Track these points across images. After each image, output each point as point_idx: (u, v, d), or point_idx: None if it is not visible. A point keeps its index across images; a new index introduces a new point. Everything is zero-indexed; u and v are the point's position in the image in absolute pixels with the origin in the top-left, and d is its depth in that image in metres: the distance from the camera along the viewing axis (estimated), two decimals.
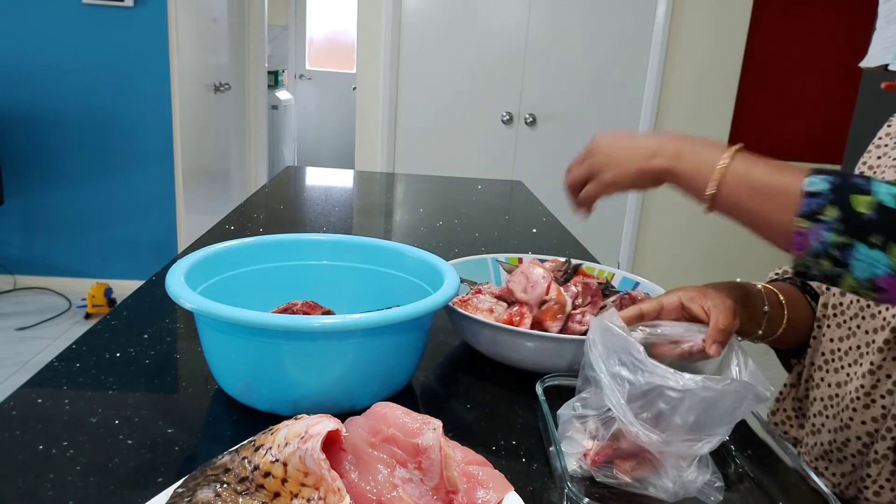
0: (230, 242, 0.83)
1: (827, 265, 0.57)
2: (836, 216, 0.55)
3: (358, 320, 0.63)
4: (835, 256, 0.56)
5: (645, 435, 0.57)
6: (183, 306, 0.64)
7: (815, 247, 0.57)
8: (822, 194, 0.56)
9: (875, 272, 0.55)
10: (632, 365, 0.59)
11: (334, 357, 0.66)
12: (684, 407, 0.57)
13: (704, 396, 0.57)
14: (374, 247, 0.90)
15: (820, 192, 0.56)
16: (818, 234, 0.56)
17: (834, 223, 0.56)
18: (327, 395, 0.67)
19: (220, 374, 0.70)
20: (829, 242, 0.56)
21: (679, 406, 0.58)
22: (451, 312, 0.82)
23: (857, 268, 0.55)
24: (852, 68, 2.19)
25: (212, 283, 0.78)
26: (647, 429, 0.57)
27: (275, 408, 0.67)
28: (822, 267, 0.57)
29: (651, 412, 0.59)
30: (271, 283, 0.86)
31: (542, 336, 0.76)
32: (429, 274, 0.82)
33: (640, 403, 0.59)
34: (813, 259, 0.57)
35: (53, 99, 3.19)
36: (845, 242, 0.55)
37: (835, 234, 0.56)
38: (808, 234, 0.57)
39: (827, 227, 0.56)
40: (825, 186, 0.57)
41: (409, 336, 0.71)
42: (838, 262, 0.56)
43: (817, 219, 0.56)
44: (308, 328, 0.62)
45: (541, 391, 0.70)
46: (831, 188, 0.56)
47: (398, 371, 0.72)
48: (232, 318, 0.61)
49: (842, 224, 0.55)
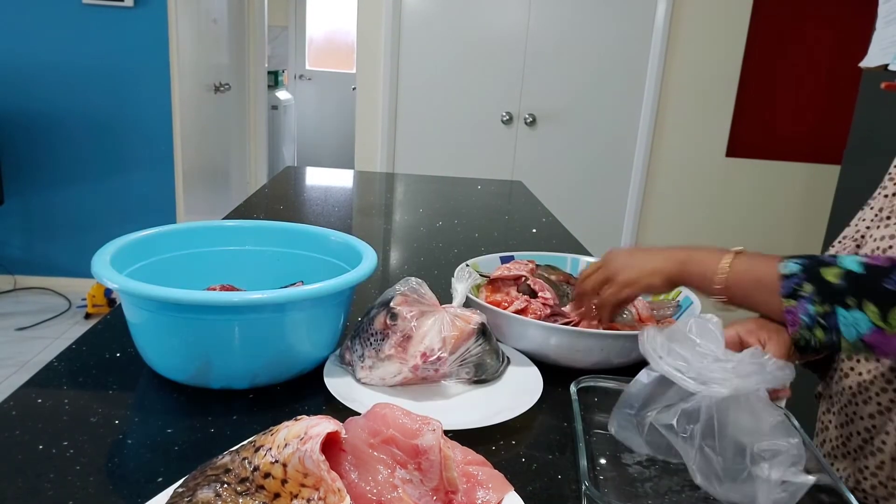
0: (154, 229, 0.86)
1: (820, 334, 0.64)
2: (813, 289, 0.63)
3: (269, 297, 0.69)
4: (823, 325, 0.63)
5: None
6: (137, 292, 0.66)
7: (805, 320, 0.64)
8: (796, 274, 0.65)
9: (860, 331, 0.61)
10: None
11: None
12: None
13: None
14: (296, 231, 0.93)
15: (794, 273, 0.65)
16: (804, 307, 0.64)
17: (812, 295, 0.63)
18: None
19: (162, 357, 0.73)
20: (814, 313, 0.63)
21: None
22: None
23: (845, 331, 0.62)
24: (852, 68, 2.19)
25: (136, 268, 0.80)
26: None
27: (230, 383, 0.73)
28: (818, 337, 0.64)
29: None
30: (194, 269, 0.88)
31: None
32: (351, 256, 0.85)
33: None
34: (808, 331, 0.64)
35: (53, 99, 3.19)
36: (826, 310, 0.62)
37: (816, 305, 0.63)
38: (796, 311, 0.64)
39: (808, 300, 0.64)
40: (797, 268, 0.65)
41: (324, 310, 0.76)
42: (828, 329, 0.63)
43: (799, 295, 0.64)
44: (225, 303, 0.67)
45: (574, 391, 0.71)
46: (802, 268, 0.65)
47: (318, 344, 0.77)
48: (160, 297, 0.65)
49: (819, 295, 0.63)
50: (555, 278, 0.95)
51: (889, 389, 0.73)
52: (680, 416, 0.61)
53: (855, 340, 0.62)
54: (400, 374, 0.74)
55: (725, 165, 3.48)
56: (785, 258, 0.67)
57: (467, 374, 0.77)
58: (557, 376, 0.80)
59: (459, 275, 0.85)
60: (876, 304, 0.60)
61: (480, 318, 0.78)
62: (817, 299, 0.63)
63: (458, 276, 0.84)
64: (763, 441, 0.58)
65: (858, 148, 2.00)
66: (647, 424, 0.64)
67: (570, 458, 0.67)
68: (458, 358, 0.75)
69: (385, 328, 0.75)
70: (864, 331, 0.61)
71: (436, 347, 0.73)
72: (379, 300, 0.78)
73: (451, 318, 0.76)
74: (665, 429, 0.62)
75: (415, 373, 0.74)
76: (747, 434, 0.58)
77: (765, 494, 0.57)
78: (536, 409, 0.73)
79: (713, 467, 0.59)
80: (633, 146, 3.47)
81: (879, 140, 1.88)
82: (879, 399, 0.74)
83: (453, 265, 0.96)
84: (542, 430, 0.72)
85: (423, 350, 0.73)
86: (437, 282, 1.13)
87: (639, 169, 3.47)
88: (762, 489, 0.57)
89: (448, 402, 0.75)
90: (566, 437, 0.70)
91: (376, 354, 0.74)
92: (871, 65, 1.93)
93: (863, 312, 0.61)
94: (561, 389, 0.78)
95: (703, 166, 3.48)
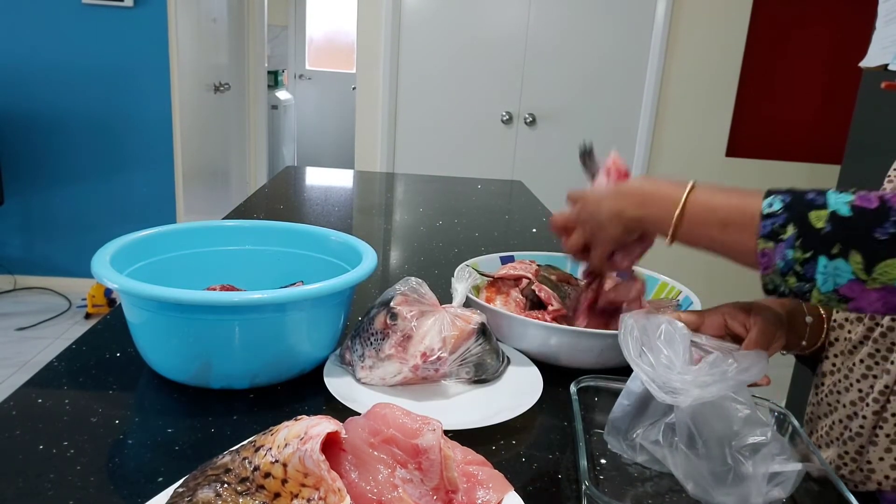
0: (154, 229, 0.86)
1: (793, 281, 0.59)
2: (794, 233, 0.58)
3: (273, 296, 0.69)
4: (799, 272, 0.58)
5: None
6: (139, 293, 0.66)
7: (780, 265, 0.59)
8: (778, 214, 0.59)
9: (838, 282, 0.57)
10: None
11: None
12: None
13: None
14: (296, 231, 0.93)
15: (777, 213, 0.59)
16: (781, 252, 0.59)
17: (794, 240, 0.58)
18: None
19: (162, 357, 0.73)
20: (791, 259, 0.58)
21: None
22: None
23: (821, 281, 0.57)
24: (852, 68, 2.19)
25: (136, 268, 0.80)
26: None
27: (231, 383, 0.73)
28: (790, 284, 0.59)
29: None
30: (194, 269, 0.88)
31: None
32: (351, 256, 0.85)
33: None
34: (780, 277, 0.60)
35: (53, 99, 3.19)
36: (807, 258, 0.57)
37: (796, 251, 0.58)
38: (772, 254, 0.59)
39: (788, 244, 0.58)
40: (780, 206, 0.59)
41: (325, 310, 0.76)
42: (803, 277, 0.58)
43: (778, 238, 0.59)
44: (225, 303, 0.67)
45: (574, 391, 0.71)
46: (785, 206, 0.59)
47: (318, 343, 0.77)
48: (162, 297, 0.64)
49: (801, 240, 0.58)
50: (555, 278, 0.95)
51: (869, 376, 0.75)
52: (665, 430, 0.62)
53: (829, 292, 0.57)
54: (400, 374, 0.74)
55: (725, 165, 3.48)
56: (766, 193, 0.61)
57: (467, 374, 0.77)
58: (557, 376, 0.80)
59: (459, 275, 0.85)
60: (862, 255, 0.56)
61: (480, 318, 0.78)
62: (797, 244, 0.58)
63: (458, 276, 0.84)
64: (738, 440, 0.58)
65: (858, 148, 2.00)
66: (638, 445, 0.64)
67: (570, 458, 0.67)
68: (458, 358, 0.75)
69: (385, 328, 0.75)
70: (843, 282, 0.56)
71: (436, 347, 0.73)
72: (379, 300, 0.78)
73: (451, 318, 0.76)
74: (653, 445, 0.63)
75: (415, 373, 0.74)
76: (723, 436, 0.59)
77: (757, 491, 0.57)
78: (536, 409, 0.73)
79: (702, 474, 0.59)
80: (633, 146, 3.47)
81: (879, 140, 1.88)
82: (860, 386, 0.75)
83: (453, 265, 0.96)
84: (542, 430, 0.72)
85: (423, 350, 0.73)
86: (437, 282, 1.13)
87: (639, 169, 3.47)
88: (753, 487, 0.57)
89: (448, 402, 0.75)
90: (566, 437, 0.70)
91: (376, 354, 0.74)
92: (871, 65, 1.93)
93: (847, 262, 0.56)
94: (561, 389, 0.78)
95: (703, 166, 3.48)
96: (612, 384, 0.73)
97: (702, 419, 0.59)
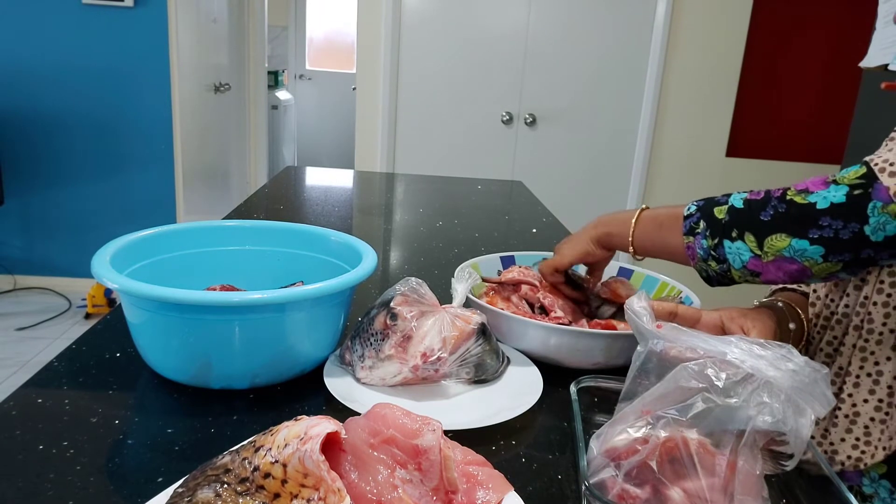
0: (154, 229, 0.86)
1: (714, 265, 0.72)
2: (705, 225, 0.72)
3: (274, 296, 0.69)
4: (715, 256, 0.71)
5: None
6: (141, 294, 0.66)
7: (700, 254, 0.73)
8: (694, 214, 0.74)
9: (742, 259, 0.69)
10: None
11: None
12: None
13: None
14: (296, 231, 0.93)
15: (692, 213, 0.74)
16: (699, 242, 0.73)
17: (705, 231, 0.72)
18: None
19: (163, 357, 0.73)
20: (706, 247, 0.72)
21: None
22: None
23: (732, 260, 0.70)
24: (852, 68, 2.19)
25: (136, 268, 0.80)
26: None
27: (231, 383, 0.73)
28: (713, 267, 0.73)
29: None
30: (194, 269, 0.88)
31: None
32: (351, 256, 0.85)
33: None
34: (704, 262, 0.73)
35: (53, 99, 3.19)
36: (716, 244, 0.71)
37: (708, 239, 0.72)
38: (694, 246, 0.74)
39: (702, 235, 0.72)
40: (694, 208, 0.75)
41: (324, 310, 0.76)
42: (719, 259, 0.71)
43: (695, 232, 0.73)
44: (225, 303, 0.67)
45: (574, 391, 0.71)
46: (698, 208, 0.74)
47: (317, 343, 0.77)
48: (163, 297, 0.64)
49: (710, 230, 0.72)
50: (576, 278, 0.97)
51: (830, 363, 0.78)
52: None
53: (741, 268, 0.70)
54: (400, 374, 0.74)
55: (725, 165, 3.48)
56: (691, 203, 0.76)
57: (467, 374, 0.77)
58: (557, 376, 0.80)
59: (459, 275, 0.85)
60: (754, 234, 0.68)
61: (480, 318, 0.78)
62: (708, 233, 0.72)
63: (458, 277, 0.84)
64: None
65: (858, 148, 2.00)
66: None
67: (570, 458, 0.67)
68: (458, 358, 0.75)
69: (385, 328, 0.75)
70: (746, 259, 0.69)
71: (436, 347, 0.73)
72: (379, 300, 0.78)
73: (451, 319, 0.76)
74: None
75: (415, 373, 0.74)
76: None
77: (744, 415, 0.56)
78: (536, 409, 0.73)
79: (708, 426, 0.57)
80: (634, 146, 3.47)
81: (879, 140, 1.88)
82: (841, 363, 0.79)
83: (453, 265, 0.96)
84: (542, 430, 0.72)
85: (423, 350, 0.73)
86: (437, 282, 1.13)
87: (639, 168, 3.47)
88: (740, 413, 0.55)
89: (448, 402, 0.75)
90: (566, 437, 0.70)
91: (376, 354, 0.74)
92: (871, 65, 1.93)
93: (744, 242, 0.68)
94: (561, 389, 0.78)
95: (703, 166, 3.48)
96: (612, 384, 0.73)
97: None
